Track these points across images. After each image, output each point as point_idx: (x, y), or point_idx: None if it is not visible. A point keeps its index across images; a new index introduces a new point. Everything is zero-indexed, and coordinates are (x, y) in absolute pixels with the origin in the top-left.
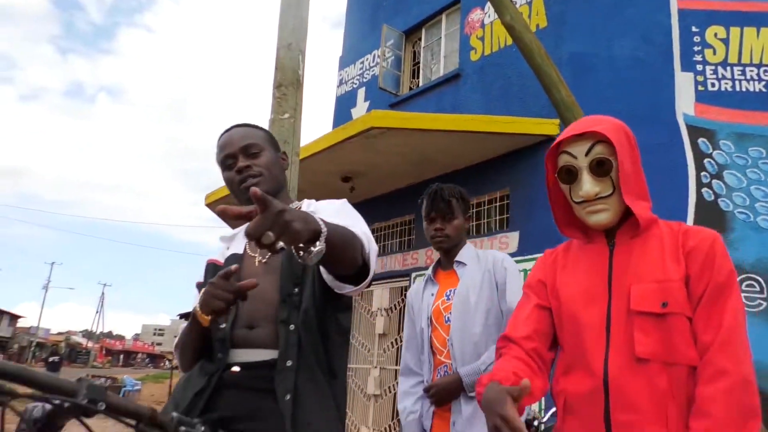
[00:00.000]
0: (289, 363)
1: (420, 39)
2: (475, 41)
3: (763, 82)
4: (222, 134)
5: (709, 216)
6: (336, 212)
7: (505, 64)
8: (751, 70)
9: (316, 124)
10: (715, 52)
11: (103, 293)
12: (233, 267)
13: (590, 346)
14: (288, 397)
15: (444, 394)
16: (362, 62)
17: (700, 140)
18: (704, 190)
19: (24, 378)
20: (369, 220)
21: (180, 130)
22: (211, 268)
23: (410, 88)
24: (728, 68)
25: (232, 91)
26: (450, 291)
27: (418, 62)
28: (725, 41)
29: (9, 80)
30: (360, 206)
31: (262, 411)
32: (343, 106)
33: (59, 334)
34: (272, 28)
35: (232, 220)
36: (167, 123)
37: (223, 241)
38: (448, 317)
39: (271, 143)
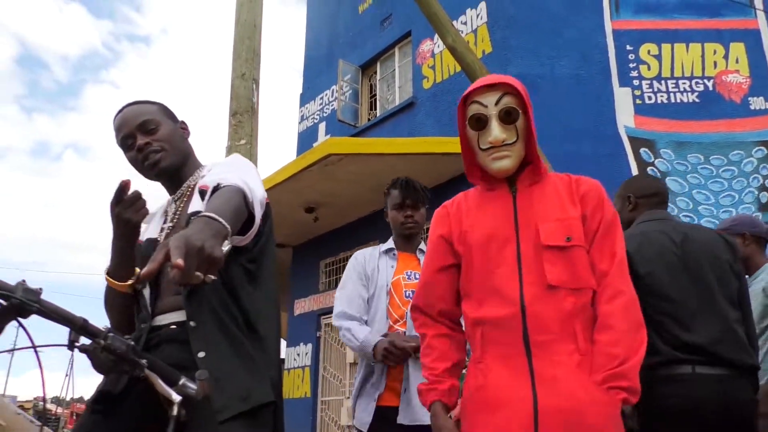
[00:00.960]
0: (192, 324)
1: (375, 72)
2: (427, 70)
3: (695, 93)
4: (116, 115)
5: None
6: (227, 166)
7: (455, 89)
8: (684, 83)
9: (281, 160)
10: (649, 68)
11: (72, 356)
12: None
13: (504, 280)
14: (201, 354)
15: (404, 355)
16: (321, 98)
17: (642, 150)
18: None
19: None
20: (335, 250)
21: (148, 182)
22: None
23: (368, 119)
24: (663, 82)
25: (194, 125)
26: (411, 272)
27: (375, 94)
28: (658, 57)
29: None
30: (325, 237)
31: (186, 363)
32: (305, 141)
33: (27, 402)
34: (227, 60)
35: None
36: (136, 175)
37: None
38: (409, 293)
39: (167, 115)
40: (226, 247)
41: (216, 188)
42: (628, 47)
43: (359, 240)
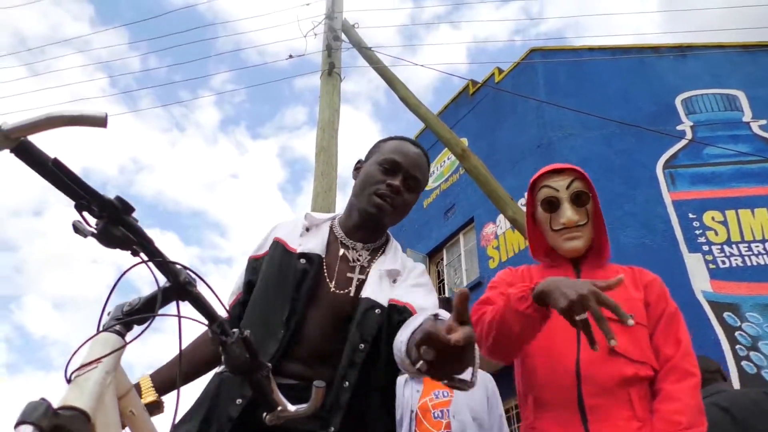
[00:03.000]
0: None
1: (442, 258)
2: (492, 251)
3: None
4: (405, 140)
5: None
6: (429, 289)
7: (521, 263)
8: (757, 246)
9: None
10: (717, 233)
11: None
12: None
13: (562, 347)
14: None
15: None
16: None
17: (726, 314)
18: (744, 363)
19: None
20: None
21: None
22: (280, 248)
23: None
24: (734, 246)
25: None
26: (439, 392)
27: (443, 279)
28: (724, 223)
29: None
30: None
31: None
32: None
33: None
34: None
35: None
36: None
37: (307, 220)
38: (438, 414)
39: (422, 190)
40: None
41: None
42: (691, 215)
43: None
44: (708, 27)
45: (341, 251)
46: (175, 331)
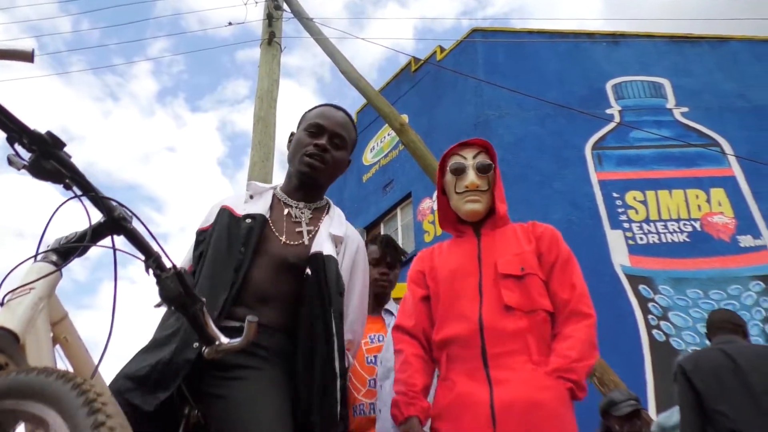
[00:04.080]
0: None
1: (379, 233)
2: (428, 225)
3: (685, 234)
4: (328, 105)
5: (664, 355)
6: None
7: None
8: (672, 225)
9: None
10: (637, 212)
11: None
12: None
13: (466, 304)
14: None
15: None
16: None
17: (641, 287)
18: (654, 331)
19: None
20: None
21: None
22: (225, 214)
23: None
24: (652, 224)
25: None
26: (374, 335)
27: None
28: (644, 203)
29: None
30: None
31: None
32: None
33: None
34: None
35: None
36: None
37: (250, 189)
38: (371, 359)
39: (352, 147)
40: None
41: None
42: (615, 194)
43: None
44: (642, 16)
45: (285, 210)
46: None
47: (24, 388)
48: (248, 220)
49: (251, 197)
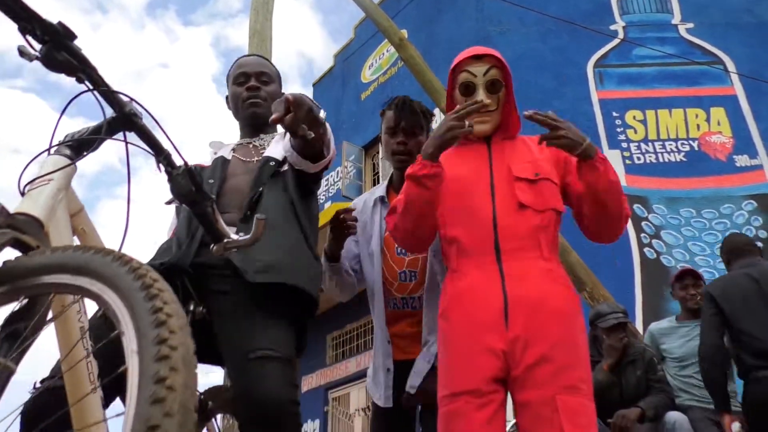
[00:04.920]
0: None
1: (378, 152)
2: None
3: (682, 153)
4: (241, 57)
5: (654, 272)
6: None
7: None
8: (670, 144)
9: None
10: (636, 132)
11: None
12: None
13: (478, 202)
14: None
15: None
16: (327, 179)
17: (635, 206)
18: (646, 249)
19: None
20: (341, 323)
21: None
22: (197, 170)
23: None
24: (650, 144)
25: None
26: None
27: (378, 172)
28: (643, 122)
29: None
30: (331, 311)
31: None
32: None
33: None
34: None
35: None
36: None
37: (212, 146)
38: (401, 250)
39: (279, 80)
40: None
41: None
42: (614, 114)
43: (365, 310)
44: None
45: (249, 145)
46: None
47: (80, 265)
48: (217, 160)
49: (215, 153)
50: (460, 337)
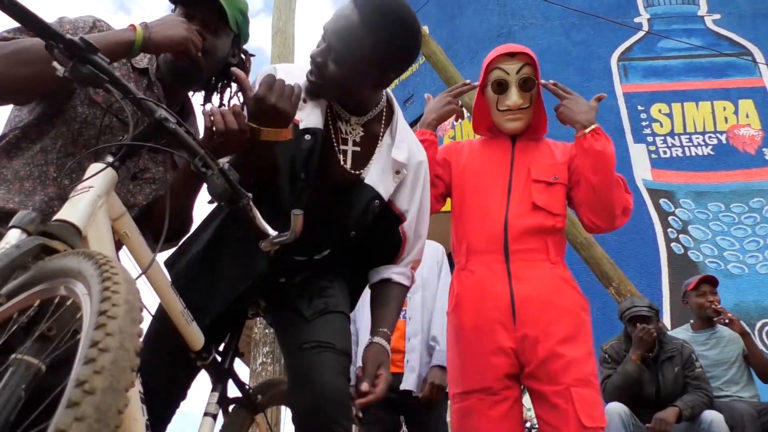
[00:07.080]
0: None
1: None
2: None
3: (710, 147)
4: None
5: (681, 267)
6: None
7: None
8: (697, 138)
9: None
10: (662, 125)
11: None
12: None
13: (493, 201)
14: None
15: None
16: None
17: (662, 201)
18: (673, 244)
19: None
20: None
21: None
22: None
23: None
24: (676, 137)
25: None
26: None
27: None
28: (669, 115)
29: None
30: None
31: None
32: None
33: None
34: None
35: None
36: None
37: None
38: None
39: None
40: None
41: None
42: (639, 107)
43: None
44: None
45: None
46: None
47: (57, 270)
48: (307, 137)
49: (305, 101)
50: (470, 336)
